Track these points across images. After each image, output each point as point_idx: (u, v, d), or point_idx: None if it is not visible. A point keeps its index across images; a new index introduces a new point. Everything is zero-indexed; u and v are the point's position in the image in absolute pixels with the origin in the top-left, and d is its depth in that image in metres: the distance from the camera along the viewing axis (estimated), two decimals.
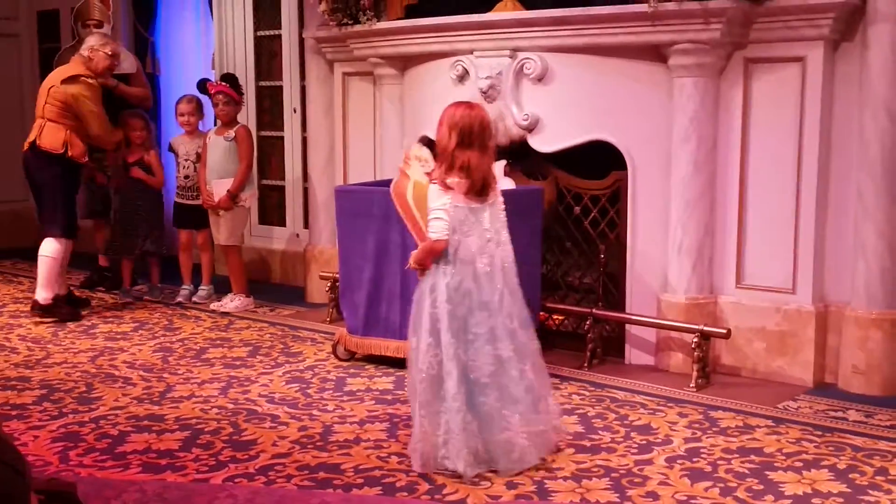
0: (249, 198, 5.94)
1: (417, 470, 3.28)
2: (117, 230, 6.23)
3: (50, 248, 5.59)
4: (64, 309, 5.64)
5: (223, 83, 5.89)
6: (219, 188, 5.80)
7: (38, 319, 5.57)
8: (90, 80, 5.67)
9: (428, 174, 3.49)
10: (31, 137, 5.66)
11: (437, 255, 3.28)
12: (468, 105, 3.39)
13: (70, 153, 5.57)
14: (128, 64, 6.53)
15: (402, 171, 3.70)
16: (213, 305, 5.93)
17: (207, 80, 6.05)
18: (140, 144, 6.14)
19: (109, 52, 5.80)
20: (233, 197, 5.79)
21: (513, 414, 3.28)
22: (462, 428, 3.23)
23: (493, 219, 3.33)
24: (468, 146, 3.26)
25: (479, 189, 3.29)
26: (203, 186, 5.90)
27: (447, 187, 3.27)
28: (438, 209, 3.28)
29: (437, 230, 3.27)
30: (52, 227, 5.65)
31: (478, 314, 3.28)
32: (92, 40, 5.88)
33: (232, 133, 5.86)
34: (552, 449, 3.42)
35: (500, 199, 3.37)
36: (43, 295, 5.57)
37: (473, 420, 3.26)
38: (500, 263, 3.34)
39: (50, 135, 5.58)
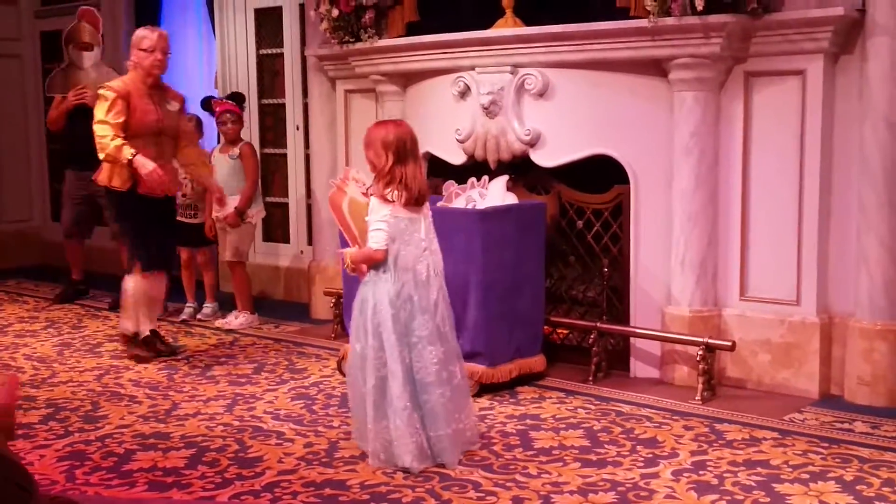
0: (256, 214, 5.97)
1: (373, 467, 3.48)
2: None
3: (127, 284, 5.09)
4: (139, 349, 5.13)
5: (230, 101, 5.92)
6: (225, 205, 5.82)
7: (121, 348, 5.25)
8: (101, 91, 4.99)
9: (364, 193, 3.70)
10: None
11: (376, 262, 3.51)
12: (395, 123, 3.66)
13: (112, 184, 4.97)
14: None
15: (338, 187, 3.83)
16: (218, 323, 5.94)
17: (212, 97, 6.07)
18: None
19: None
20: (240, 214, 5.81)
21: (453, 411, 3.54)
22: (408, 425, 3.44)
23: (427, 229, 3.56)
24: (404, 161, 3.49)
25: (417, 198, 3.51)
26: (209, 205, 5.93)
27: (387, 200, 3.48)
28: (379, 220, 3.49)
29: (377, 240, 3.49)
30: (129, 260, 5.15)
31: (420, 317, 3.50)
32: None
33: (237, 151, 5.89)
34: (471, 445, 3.65)
35: (429, 209, 3.62)
36: (122, 324, 5.19)
37: (419, 418, 3.48)
38: (434, 270, 3.56)
39: (104, 166, 5.03)
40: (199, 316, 6.11)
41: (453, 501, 3.18)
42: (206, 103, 6.02)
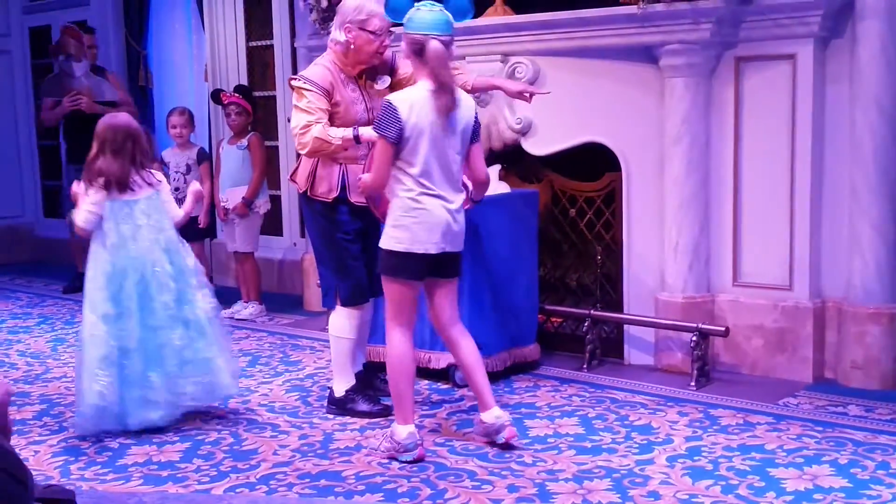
0: (263, 204, 6.00)
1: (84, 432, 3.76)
2: None
3: (331, 324, 4.08)
4: (361, 405, 4.00)
5: (236, 94, 5.96)
6: (233, 196, 5.88)
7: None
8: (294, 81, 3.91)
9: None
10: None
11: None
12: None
13: (312, 192, 3.94)
14: (109, 93, 6.68)
15: None
16: (226, 314, 5.96)
17: (221, 90, 6.13)
18: None
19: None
20: (248, 204, 5.85)
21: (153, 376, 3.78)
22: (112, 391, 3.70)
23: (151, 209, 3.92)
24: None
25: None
26: (217, 196, 5.98)
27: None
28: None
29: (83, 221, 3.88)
30: (324, 294, 4.10)
31: (129, 289, 3.79)
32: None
33: (245, 142, 5.94)
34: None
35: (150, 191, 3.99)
36: (335, 385, 4.09)
37: (119, 382, 3.73)
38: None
39: (302, 164, 4.01)
40: None
41: (449, 491, 3.18)
42: (216, 95, 6.08)
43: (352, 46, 3.82)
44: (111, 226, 3.88)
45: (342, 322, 3.98)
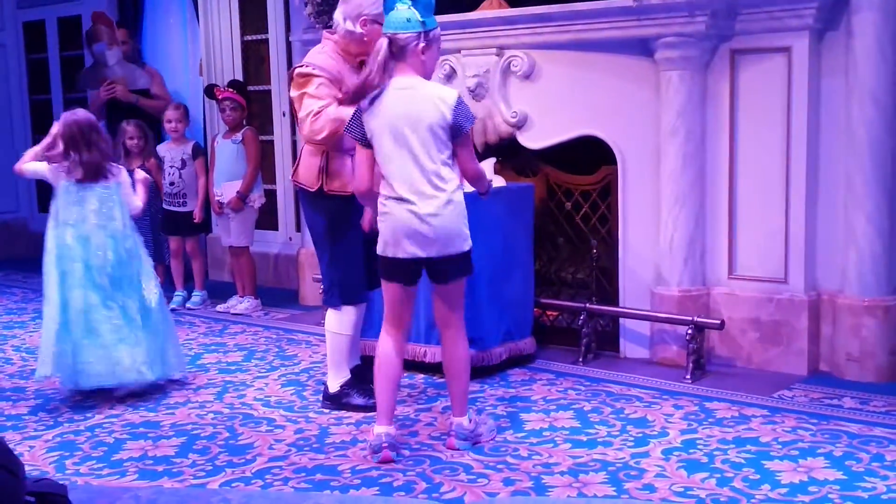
0: (258, 198, 5.99)
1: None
2: (148, 238, 6.21)
3: (329, 321, 4.02)
4: (355, 399, 3.99)
5: (230, 89, 5.94)
6: (228, 190, 5.87)
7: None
8: (301, 68, 3.86)
9: None
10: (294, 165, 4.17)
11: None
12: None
13: (328, 187, 3.87)
14: (142, 80, 6.68)
15: None
16: (221, 308, 5.96)
17: (216, 85, 6.11)
18: (138, 153, 6.16)
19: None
20: (242, 198, 5.85)
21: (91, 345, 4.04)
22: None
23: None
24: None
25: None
26: (212, 191, 5.96)
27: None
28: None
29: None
30: (326, 291, 4.03)
31: (74, 268, 4.08)
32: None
33: (239, 136, 5.92)
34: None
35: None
36: (330, 381, 4.07)
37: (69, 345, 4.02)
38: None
39: (305, 162, 3.94)
40: (188, 304, 6.10)
41: (444, 484, 3.18)
42: (210, 90, 6.07)
43: (365, 39, 3.77)
44: (61, 205, 4.20)
45: (341, 319, 3.95)
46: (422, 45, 3.35)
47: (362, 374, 4.08)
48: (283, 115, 6.51)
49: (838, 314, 4.24)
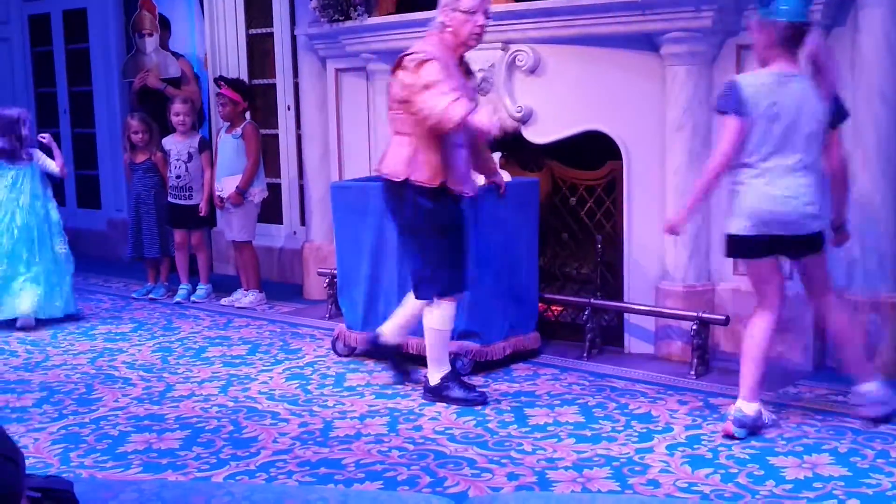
0: (258, 193, 5.98)
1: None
2: (154, 231, 6.22)
3: (429, 318, 3.97)
4: (456, 391, 3.98)
5: (222, 84, 5.97)
6: (228, 185, 5.87)
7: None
8: (414, 55, 3.81)
9: None
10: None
11: None
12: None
13: (415, 178, 3.82)
14: (173, 69, 6.66)
15: None
16: (225, 301, 5.97)
17: (223, 77, 6.14)
18: (144, 146, 6.16)
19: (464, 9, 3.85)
20: (241, 193, 5.83)
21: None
22: None
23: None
24: None
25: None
26: (213, 185, 5.97)
27: None
28: None
29: None
30: (416, 286, 3.97)
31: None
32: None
33: (239, 131, 5.92)
34: None
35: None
36: (430, 375, 4.03)
37: None
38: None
39: (393, 153, 3.91)
40: (193, 298, 6.11)
41: (448, 479, 3.18)
42: (217, 82, 6.11)
43: (449, 29, 3.80)
44: None
45: (443, 314, 3.92)
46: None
47: (401, 362, 4.19)
48: (288, 108, 6.51)
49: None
